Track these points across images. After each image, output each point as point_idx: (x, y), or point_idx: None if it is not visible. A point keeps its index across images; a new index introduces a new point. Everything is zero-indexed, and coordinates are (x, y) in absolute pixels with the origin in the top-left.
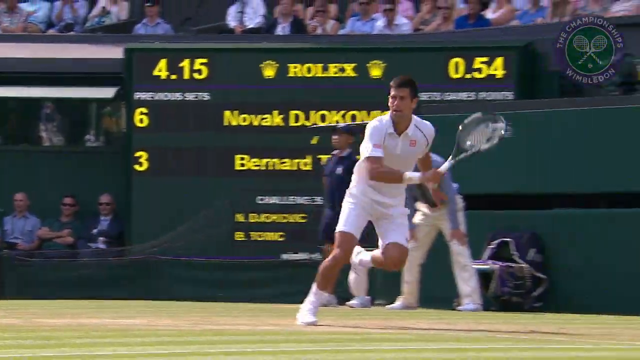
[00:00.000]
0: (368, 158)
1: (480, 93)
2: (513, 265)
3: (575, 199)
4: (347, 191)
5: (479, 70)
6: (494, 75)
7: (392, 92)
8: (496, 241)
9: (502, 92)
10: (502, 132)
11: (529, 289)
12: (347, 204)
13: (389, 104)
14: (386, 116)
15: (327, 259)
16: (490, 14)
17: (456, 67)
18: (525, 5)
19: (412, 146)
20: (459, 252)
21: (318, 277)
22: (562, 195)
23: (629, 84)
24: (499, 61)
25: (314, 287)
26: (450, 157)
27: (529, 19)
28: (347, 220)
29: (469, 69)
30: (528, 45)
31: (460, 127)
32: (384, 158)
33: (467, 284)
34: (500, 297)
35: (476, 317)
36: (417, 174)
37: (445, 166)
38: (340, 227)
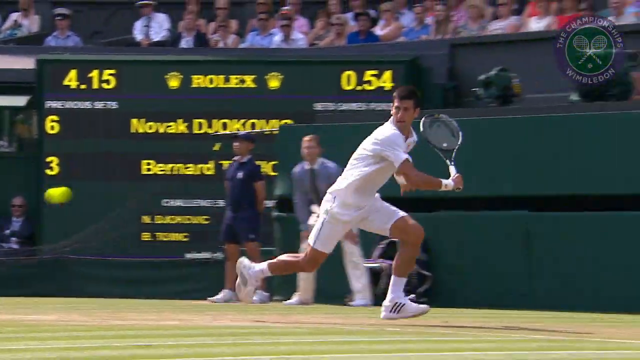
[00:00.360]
0: (406, 163)
1: (371, 104)
2: None
3: (457, 202)
4: (324, 208)
5: (369, 82)
6: (383, 87)
7: (396, 103)
8: (385, 241)
9: (390, 104)
10: (451, 120)
11: (415, 285)
12: (327, 224)
13: (393, 113)
14: (391, 124)
15: (296, 260)
16: (379, 30)
17: (348, 80)
18: (411, 23)
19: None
20: (351, 252)
21: (277, 263)
22: (445, 199)
23: (505, 97)
24: (387, 74)
25: (265, 265)
26: (448, 162)
27: (414, 35)
28: (325, 240)
29: (360, 81)
30: (414, 59)
31: (427, 139)
32: (390, 165)
33: (358, 281)
34: None
35: (367, 311)
36: (450, 181)
37: (455, 171)
38: (316, 244)
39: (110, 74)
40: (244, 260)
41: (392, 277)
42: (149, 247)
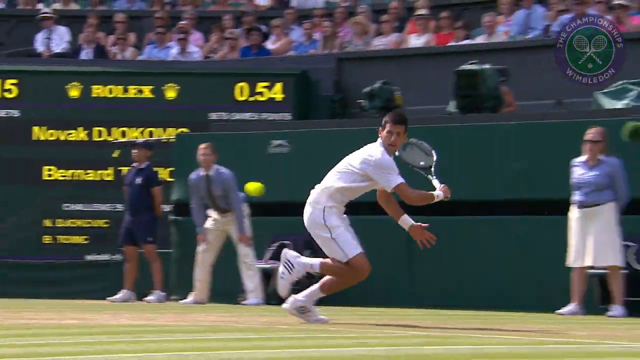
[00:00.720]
0: (402, 185)
1: (262, 114)
2: None
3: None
4: (324, 224)
5: (261, 93)
6: (274, 98)
7: (389, 128)
8: (276, 243)
9: (281, 114)
10: (421, 142)
11: (304, 285)
12: (339, 234)
13: (384, 138)
14: (381, 147)
15: (346, 277)
16: (270, 45)
17: (241, 91)
18: (300, 38)
19: None
20: (245, 253)
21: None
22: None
23: (388, 108)
24: (278, 86)
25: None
26: (430, 177)
27: (303, 50)
28: (348, 242)
29: (253, 92)
30: (303, 72)
31: (405, 161)
32: (373, 184)
33: (251, 281)
34: None
35: (259, 310)
36: (441, 192)
37: (439, 182)
38: (347, 254)
39: (13, 84)
40: (289, 251)
41: (317, 286)
42: (50, 249)
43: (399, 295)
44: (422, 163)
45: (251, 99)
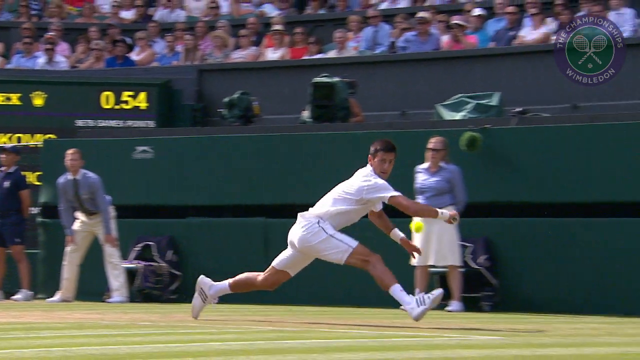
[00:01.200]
0: (400, 197)
1: (128, 121)
2: (154, 264)
3: (205, 209)
4: (319, 229)
5: (126, 102)
6: (138, 106)
7: (382, 156)
8: (140, 244)
9: (146, 121)
10: None
11: (167, 284)
12: (335, 234)
13: (376, 165)
14: (372, 173)
15: (372, 268)
16: (134, 56)
17: (107, 99)
18: (163, 50)
19: None
20: (111, 253)
21: (384, 278)
22: (196, 206)
23: (246, 117)
24: (142, 95)
25: (396, 288)
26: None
27: (166, 61)
28: (348, 238)
29: (118, 100)
30: (166, 82)
31: None
32: (369, 206)
33: (116, 279)
34: (143, 290)
35: (123, 308)
36: (446, 212)
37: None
38: (352, 245)
39: None
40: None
41: (228, 282)
42: None
43: (256, 292)
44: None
45: (117, 107)
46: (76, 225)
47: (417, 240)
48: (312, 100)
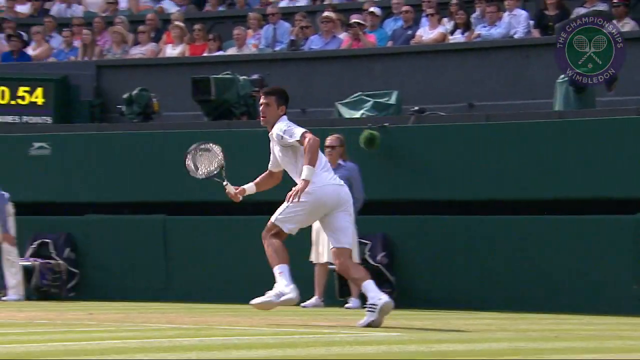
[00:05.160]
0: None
1: (24, 117)
2: (51, 261)
3: (104, 206)
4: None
5: (23, 97)
6: (35, 102)
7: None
8: (37, 241)
9: (42, 117)
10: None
11: (65, 281)
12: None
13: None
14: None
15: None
16: (31, 51)
17: (2, 95)
18: (60, 45)
19: None
20: (8, 251)
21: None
22: (95, 203)
23: (146, 114)
24: (39, 91)
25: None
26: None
27: (64, 56)
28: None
29: (14, 96)
30: (63, 78)
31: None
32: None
33: (13, 277)
34: (41, 288)
35: (19, 306)
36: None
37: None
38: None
39: None
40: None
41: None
42: None
43: (154, 290)
44: (208, 169)
45: (12, 102)
46: (9, 224)
47: (316, 234)
48: (192, 95)
